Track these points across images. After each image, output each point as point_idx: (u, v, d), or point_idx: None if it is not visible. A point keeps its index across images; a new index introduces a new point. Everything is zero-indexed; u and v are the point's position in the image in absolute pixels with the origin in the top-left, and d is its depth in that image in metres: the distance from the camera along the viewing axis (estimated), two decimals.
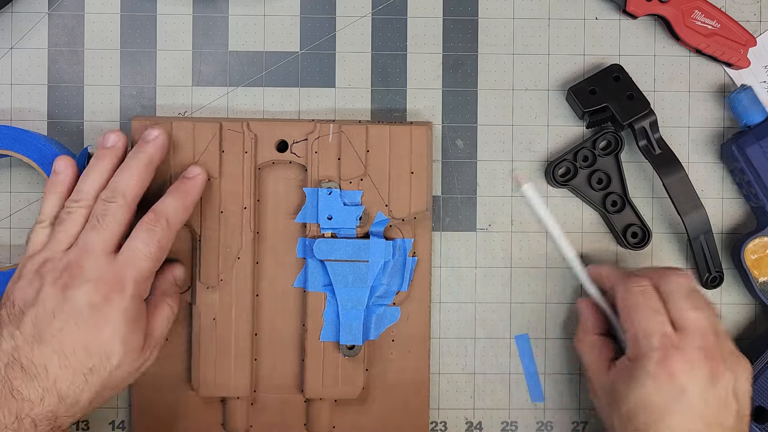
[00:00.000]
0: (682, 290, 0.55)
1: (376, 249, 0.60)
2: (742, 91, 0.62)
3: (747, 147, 0.61)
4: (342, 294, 0.60)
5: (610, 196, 0.63)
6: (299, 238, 0.61)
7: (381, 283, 0.61)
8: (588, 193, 0.63)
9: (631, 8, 0.63)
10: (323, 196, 0.60)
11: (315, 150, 0.60)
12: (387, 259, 0.60)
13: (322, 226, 0.60)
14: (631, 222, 0.63)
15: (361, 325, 0.60)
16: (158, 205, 0.56)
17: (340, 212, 0.60)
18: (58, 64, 0.64)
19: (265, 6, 0.64)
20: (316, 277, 0.60)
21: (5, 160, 0.63)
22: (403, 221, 0.61)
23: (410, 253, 0.62)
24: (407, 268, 0.62)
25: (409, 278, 0.62)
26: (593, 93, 0.62)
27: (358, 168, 0.60)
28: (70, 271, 0.52)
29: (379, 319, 0.62)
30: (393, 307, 0.62)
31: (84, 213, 0.54)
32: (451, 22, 0.64)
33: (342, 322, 0.60)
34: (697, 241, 0.62)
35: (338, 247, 0.59)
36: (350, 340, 0.60)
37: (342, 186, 0.60)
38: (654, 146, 0.62)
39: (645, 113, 0.61)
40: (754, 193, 0.62)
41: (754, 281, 0.62)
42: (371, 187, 0.60)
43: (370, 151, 0.60)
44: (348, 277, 0.60)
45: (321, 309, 0.60)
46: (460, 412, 0.64)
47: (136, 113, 0.63)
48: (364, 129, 0.60)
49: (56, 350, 0.50)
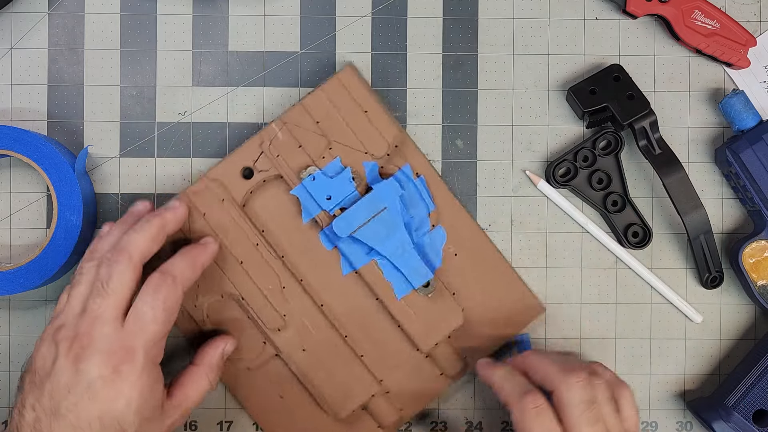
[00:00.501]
0: (582, 404, 0.53)
1: (385, 191, 0.60)
2: (735, 95, 0.62)
3: (741, 152, 0.61)
4: (386, 248, 0.60)
5: (610, 196, 0.63)
6: (318, 233, 0.61)
7: (411, 216, 0.61)
8: (588, 193, 0.63)
9: (631, 8, 0.63)
10: (310, 184, 0.60)
11: (276, 155, 0.60)
12: (400, 193, 0.60)
13: (328, 210, 0.60)
14: (631, 221, 0.63)
15: (420, 261, 0.60)
16: (165, 264, 0.55)
17: (334, 186, 0.60)
18: (58, 64, 0.64)
19: (265, 6, 0.64)
20: (356, 253, 0.61)
21: (5, 160, 0.63)
22: (389, 155, 0.61)
23: (414, 175, 0.62)
24: (421, 188, 0.62)
25: (429, 195, 0.62)
26: (593, 93, 0.62)
27: (321, 141, 0.60)
28: (80, 341, 0.52)
29: (431, 246, 0.62)
30: (435, 228, 0.62)
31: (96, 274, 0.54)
32: (451, 22, 0.64)
33: (405, 271, 0.60)
34: (697, 241, 0.62)
35: (353, 215, 0.59)
36: (421, 280, 0.60)
37: (319, 165, 0.60)
38: (654, 146, 0.62)
39: (645, 113, 0.61)
40: (749, 197, 0.62)
41: (753, 285, 0.62)
42: (343, 148, 0.60)
43: (320, 122, 0.60)
44: (381, 232, 0.60)
45: (380, 274, 0.61)
46: (460, 412, 0.64)
47: (137, 113, 0.64)
48: (301, 107, 0.60)
49: (73, 424, 0.51)
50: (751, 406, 0.61)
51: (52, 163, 0.60)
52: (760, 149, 0.61)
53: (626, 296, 0.64)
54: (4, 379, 0.63)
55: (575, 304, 0.64)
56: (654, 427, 0.65)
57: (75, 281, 0.54)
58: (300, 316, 0.61)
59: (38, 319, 0.63)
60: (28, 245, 0.63)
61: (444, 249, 0.62)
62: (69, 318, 0.53)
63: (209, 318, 0.61)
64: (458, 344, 0.62)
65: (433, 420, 0.64)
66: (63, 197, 0.60)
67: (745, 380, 0.61)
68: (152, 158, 0.64)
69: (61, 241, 0.60)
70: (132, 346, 0.52)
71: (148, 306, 0.53)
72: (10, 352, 0.63)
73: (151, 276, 0.54)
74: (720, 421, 0.61)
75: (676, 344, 0.65)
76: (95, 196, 0.63)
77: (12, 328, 0.63)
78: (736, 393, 0.61)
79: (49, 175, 0.60)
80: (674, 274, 0.64)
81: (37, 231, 0.63)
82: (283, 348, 0.61)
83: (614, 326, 0.64)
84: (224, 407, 0.64)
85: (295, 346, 0.61)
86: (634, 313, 0.64)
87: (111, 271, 0.53)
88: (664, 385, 0.65)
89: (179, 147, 0.64)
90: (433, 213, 0.62)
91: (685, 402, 0.64)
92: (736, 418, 0.61)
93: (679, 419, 0.65)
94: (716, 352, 0.65)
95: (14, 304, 0.63)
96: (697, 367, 0.65)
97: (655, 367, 0.65)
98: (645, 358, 0.64)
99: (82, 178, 0.61)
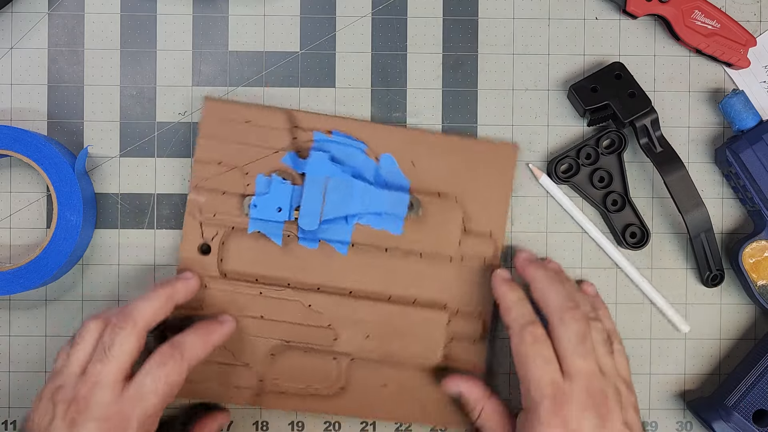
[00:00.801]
0: (574, 337, 0.55)
1: (316, 165, 0.60)
2: (735, 95, 0.61)
3: (741, 152, 0.61)
4: (356, 207, 0.60)
5: (610, 195, 0.63)
6: (298, 242, 0.61)
7: (352, 166, 0.61)
8: (589, 191, 0.63)
9: (631, 8, 0.63)
10: (257, 212, 0.60)
11: (212, 214, 0.61)
12: (329, 157, 0.60)
13: (288, 219, 0.60)
14: (630, 222, 0.63)
15: (390, 192, 0.61)
16: (177, 337, 0.56)
17: (274, 198, 0.60)
18: (58, 64, 0.64)
19: (265, 6, 0.64)
20: (338, 231, 0.61)
21: (5, 160, 0.63)
22: (295, 138, 0.61)
23: (327, 134, 0.62)
24: (340, 139, 0.62)
25: (352, 138, 0.62)
26: (594, 91, 0.62)
27: (234, 174, 0.61)
28: (77, 405, 0.52)
29: (389, 174, 0.62)
30: (380, 158, 0.62)
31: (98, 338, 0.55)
32: (451, 22, 0.64)
33: (385, 211, 0.61)
34: (698, 239, 0.62)
35: (309, 205, 0.60)
36: (403, 207, 0.61)
37: (250, 192, 0.61)
38: (655, 144, 0.62)
39: (646, 111, 0.61)
40: (749, 197, 0.62)
41: (753, 285, 0.62)
42: (255, 164, 0.61)
43: (221, 161, 0.61)
44: (341, 198, 0.60)
45: (370, 229, 0.61)
46: None
47: (137, 113, 0.64)
48: (197, 163, 0.61)
49: None
50: (751, 406, 0.61)
51: (52, 163, 0.60)
52: (760, 149, 0.61)
53: (626, 296, 0.64)
54: (4, 379, 0.63)
55: None
56: (654, 427, 0.65)
57: (77, 340, 0.54)
58: (341, 315, 0.61)
59: (38, 319, 0.63)
60: (28, 245, 0.63)
61: (401, 168, 0.62)
62: (68, 379, 0.53)
63: (271, 380, 0.61)
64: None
65: None
66: (63, 197, 0.60)
67: (745, 380, 0.61)
68: (152, 158, 0.64)
69: (61, 241, 0.60)
70: (128, 415, 0.52)
71: (150, 378, 0.53)
72: (10, 352, 0.63)
73: (161, 347, 0.55)
74: (720, 421, 0.61)
75: (676, 344, 0.65)
76: (95, 196, 0.63)
77: (12, 328, 0.63)
78: (736, 393, 0.61)
79: (49, 175, 0.60)
80: (674, 274, 0.64)
81: (37, 231, 0.63)
82: (351, 349, 0.61)
83: None
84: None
85: (359, 339, 0.61)
86: (634, 313, 0.64)
87: (114, 337, 0.53)
88: (664, 385, 0.65)
89: (179, 147, 0.64)
90: (367, 150, 0.62)
91: (685, 402, 0.64)
92: (736, 418, 0.61)
93: (679, 419, 0.65)
94: (716, 352, 0.65)
95: (14, 304, 0.63)
96: (697, 367, 0.65)
97: (655, 367, 0.65)
98: (645, 358, 0.64)
99: (82, 178, 0.61)
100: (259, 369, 0.61)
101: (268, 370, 0.61)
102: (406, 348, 0.61)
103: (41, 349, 0.63)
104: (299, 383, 0.61)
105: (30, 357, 0.63)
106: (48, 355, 0.63)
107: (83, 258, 0.63)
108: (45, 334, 0.63)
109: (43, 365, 0.63)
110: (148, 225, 0.64)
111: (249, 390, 0.61)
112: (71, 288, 0.63)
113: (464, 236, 0.62)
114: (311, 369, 0.62)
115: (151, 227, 0.64)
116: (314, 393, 0.62)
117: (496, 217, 0.62)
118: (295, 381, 0.61)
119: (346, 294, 0.62)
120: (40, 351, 0.63)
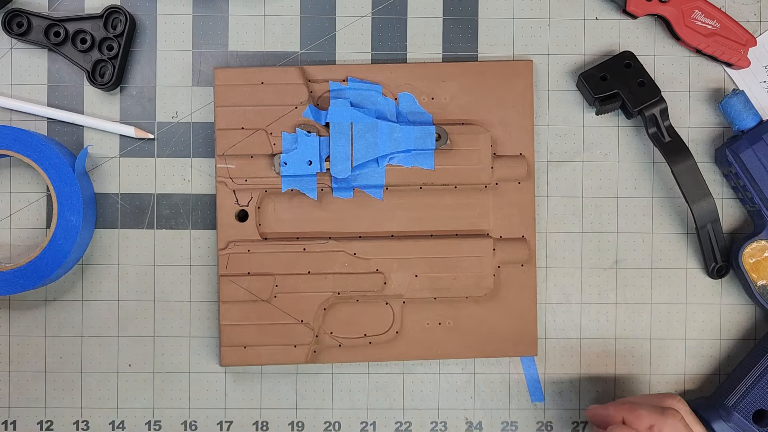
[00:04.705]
0: None
1: (338, 113, 0.61)
2: (735, 95, 0.61)
3: (741, 152, 0.61)
4: (385, 148, 0.61)
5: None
6: (333, 195, 0.62)
7: (374, 107, 0.62)
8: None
9: (631, 8, 0.63)
10: (288, 170, 0.61)
11: (244, 179, 0.61)
12: (348, 103, 0.61)
13: (320, 170, 0.61)
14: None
15: (415, 127, 0.61)
16: None
17: (302, 152, 0.61)
18: (58, 64, 0.64)
19: (265, 6, 0.64)
20: (371, 175, 0.62)
21: (5, 160, 0.63)
22: (312, 92, 0.62)
23: (343, 83, 0.62)
24: (356, 85, 0.62)
25: (367, 82, 0.62)
26: (604, 79, 0.62)
27: (259, 135, 0.61)
28: None
29: (410, 110, 0.62)
30: (399, 96, 0.62)
31: None
32: (451, 22, 0.64)
33: (414, 147, 0.61)
34: (705, 230, 0.62)
35: (338, 153, 0.61)
36: (431, 140, 0.61)
37: (278, 150, 0.61)
38: (664, 133, 0.62)
39: (656, 100, 0.61)
40: (749, 197, 0.62)
41: (753, 285, 0.62)
42: (278, 123, 0.62)
43: (243, 126, 0.61)
44: (368, 142, 0.61)
45: (402, 169, 0.62)
46: (460, 412, 0.64)
47: (137, 113, 0.63)
48: (218, 132, 0.61)
49: None
50: (751, 406, 0.61)
51: (52, 163, 0.60)
52: (760, 149, 0.61)
53: (626, 296, 0.64)
54: (4, 379, 0.63)
55: (575, 304, 0.64)
56: None
57: None
58: (388, 257, 0.62)
59: (38, 319, 0.63)
60: (28, 245, 0.63)
61: (420, 103, 0.62)
62: None
63: (327, 334, 0.62)
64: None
65: (433, 420, 0.64)
66: (63, 197, 0.60)
67: (745, 380, 0.61)
68: (152, 158, 0.64)
69: (61, 241, 0.60)
70: None
71: None
72: (10, 352, 0.63)
73: None
74: (720, 421, 0.61)
75: (676, 344, 0.65)
76: (95, 196, 0.63)
77: (12, 328, 0.63)
78: (736, 393, 0.61)
79: (49, 175, 0.60)
80: (674, 273, 0.64)
81: (37, 231, 0.63)
82: (402, 290, 0.62)
83: (614, 326, 0.64)
84: (224, 407, 0.64)
85: (409, 279, 0.62)
86: (634, 313, 0.64)
87: None
88: (664, 385, 0.65)
89: (179, 147, 0.64)
90: (384, 90, 0.62)
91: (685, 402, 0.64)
92: (736, 418, 0.61)
93: None
94: (716, 352, 0.65)
95: (14, 304, 0.63)
96: (697, 367, 0.65)
97: (655, 367, 0.65)
98: (645, 358, 0.64)
99: (82, 178, 0.61)
100: (314, 324, 0.61)
101: (322, 325, 0.62)
102: (456, 281, 0.62)
103: (41, 349, 0.63)
104: (355, 333, 0.62)
105: (30, 357, 0.63)
106: (48, 355, 0.63)
107: (83, 258, 0.63)
108: (45, 334, 0.63)
109: (43, 365, 0.63)
110: (148, 225, 0.64)
111: (307, 347, 0.61)
112: (71, 288, 0.63)
113: (495, 161, 0.62)
114: (365, 317, 0.62)
115: (151, 227, 0.64)
116: (371, 342, 0.62)
117: (523, 135, 0.62)
118: (351, 332, 0.62)
119: (388, 237, 0.62)
120: (40, 351, 0.63)
